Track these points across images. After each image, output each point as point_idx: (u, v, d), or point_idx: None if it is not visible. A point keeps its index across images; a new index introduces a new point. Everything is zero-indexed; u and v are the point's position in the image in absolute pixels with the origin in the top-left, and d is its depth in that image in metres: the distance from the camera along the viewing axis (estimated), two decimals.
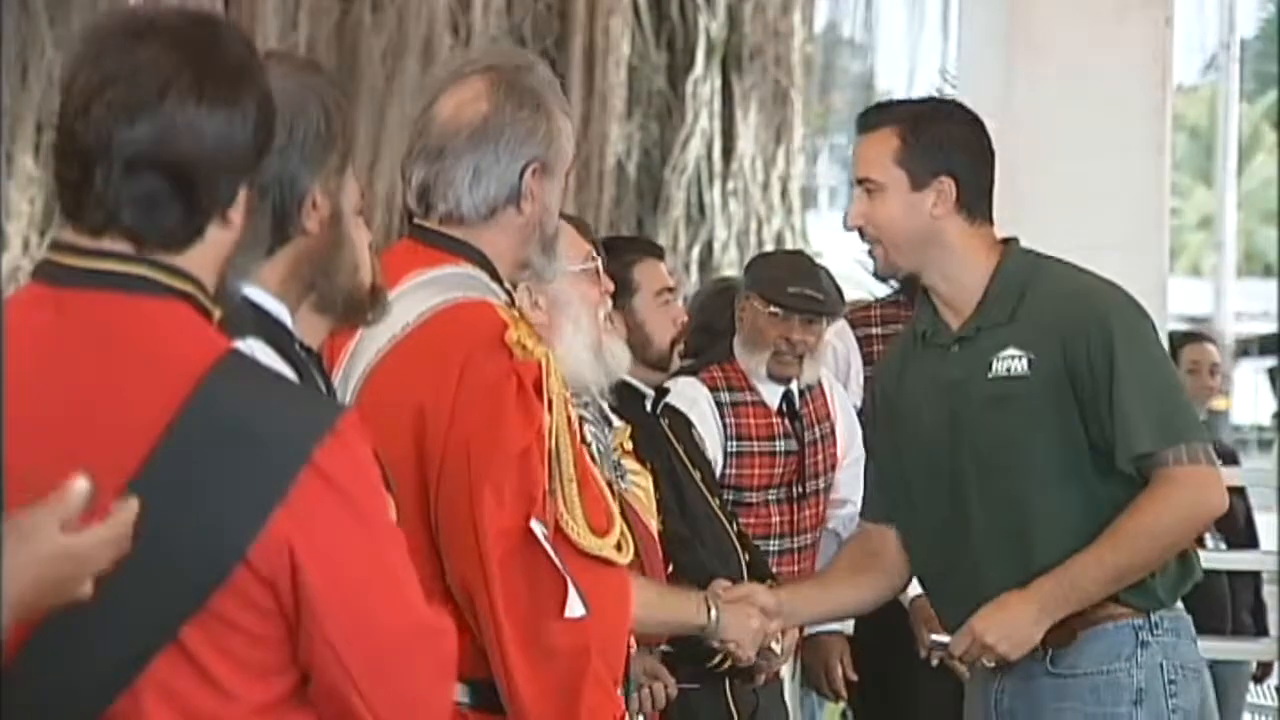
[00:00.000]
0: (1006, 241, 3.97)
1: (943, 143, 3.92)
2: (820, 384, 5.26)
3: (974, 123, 3.99)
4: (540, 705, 2.99)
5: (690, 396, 5.01)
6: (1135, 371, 3.78)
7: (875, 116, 4.00)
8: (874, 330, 5.56)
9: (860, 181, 3.93)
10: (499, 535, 2.96)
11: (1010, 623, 3.80)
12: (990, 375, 3.85)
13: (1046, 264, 3.96)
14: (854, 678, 5.27)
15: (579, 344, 3.64)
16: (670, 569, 4.25)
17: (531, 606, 2.98)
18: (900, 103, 4.17)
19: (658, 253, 4.84)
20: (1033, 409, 3.81)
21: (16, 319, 2.24)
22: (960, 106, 4.10)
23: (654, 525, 4.18)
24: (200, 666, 2.22)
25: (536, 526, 2.98)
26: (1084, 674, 3.82)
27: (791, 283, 5.11)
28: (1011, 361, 3.84)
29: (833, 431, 5.25)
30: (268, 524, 2.19)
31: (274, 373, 2.34)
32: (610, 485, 3.64)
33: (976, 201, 3.93)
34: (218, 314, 2.29)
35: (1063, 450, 3.81)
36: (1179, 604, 3.94)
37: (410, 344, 3.07)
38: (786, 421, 5.14)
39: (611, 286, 3.91)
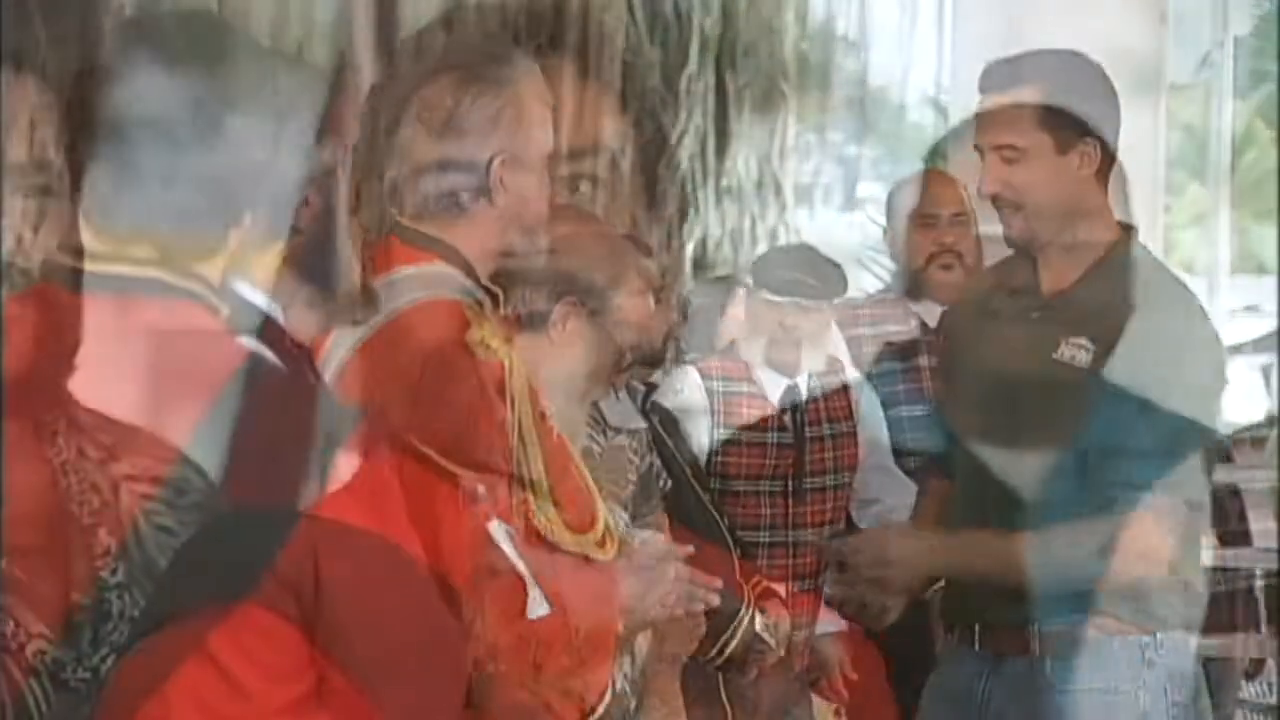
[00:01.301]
0: (1127, 228, 3.78)
1: (1087, 100, 3.67)
2: (847, 387, 5.23)
3: (1107, 77, 3.74)
4: None
5: (679, 383, 5.02)
6: (1172, 416, 3.64)
7: (1006, 73, 3.71)
8: (862, 330, 5.53)
9: (997, 148, 3.67)
10: (457, 537, 2.93)
11: (916, 555, 3.72)
12: (1055, 355, 3.69)
13: (1158, 269, 3.80)
14: (854, 677, 5.26)
15: (560, 376, 3.58)
16: None
17: (493, 609, 2.95)
18: (1029, 57, 3.79)
19: (643, 250, 4.83)
20: (1075, 403, 3.68)
21: (21, 318, 2.23)
22: (1089, 60, 3.79)
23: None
24: (225, 671, 2.24)
25: (495, 528, 2.95)
26: (1088, 690, 3.73)
27: (784, 268, 5.12)
28: (1078, 351, 3.67)
29: (852, 432, 5.20)
30: (293, 530, 2.20)
31: (295, 376, 2.35)
32: (600, 485, 3.62)
33: (1110, 166, 3.70)
34: (225, 311, 2.30)
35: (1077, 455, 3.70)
36: (1182, 627, 3.83)
37: (374, 345, 3.03)
38: (785, 415, 5.13)
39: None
